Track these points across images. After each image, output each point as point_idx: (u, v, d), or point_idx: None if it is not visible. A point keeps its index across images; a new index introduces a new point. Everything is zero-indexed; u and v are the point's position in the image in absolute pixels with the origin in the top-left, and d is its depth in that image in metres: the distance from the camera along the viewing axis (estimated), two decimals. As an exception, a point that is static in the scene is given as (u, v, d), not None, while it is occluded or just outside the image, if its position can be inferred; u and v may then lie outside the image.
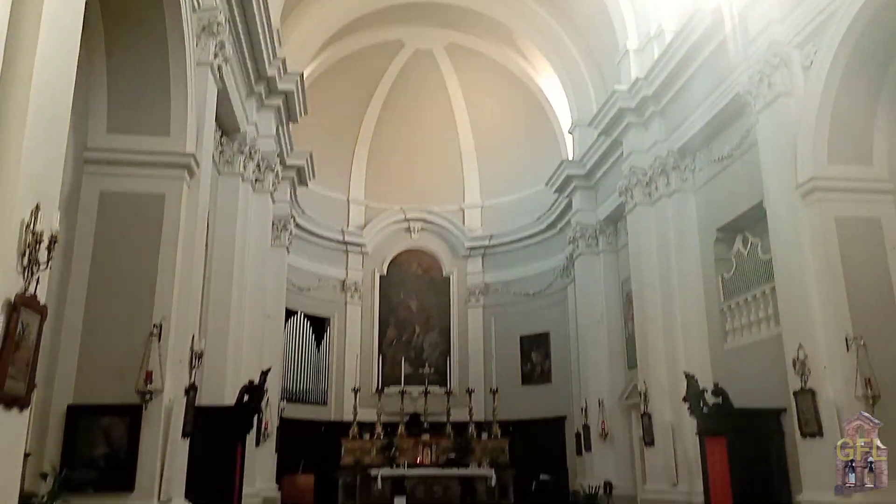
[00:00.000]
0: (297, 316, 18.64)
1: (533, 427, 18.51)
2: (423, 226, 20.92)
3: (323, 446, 17.64)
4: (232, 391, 10.15)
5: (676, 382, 11.13)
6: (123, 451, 6.87)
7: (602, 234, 15.93)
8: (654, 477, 12.10)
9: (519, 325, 19.75)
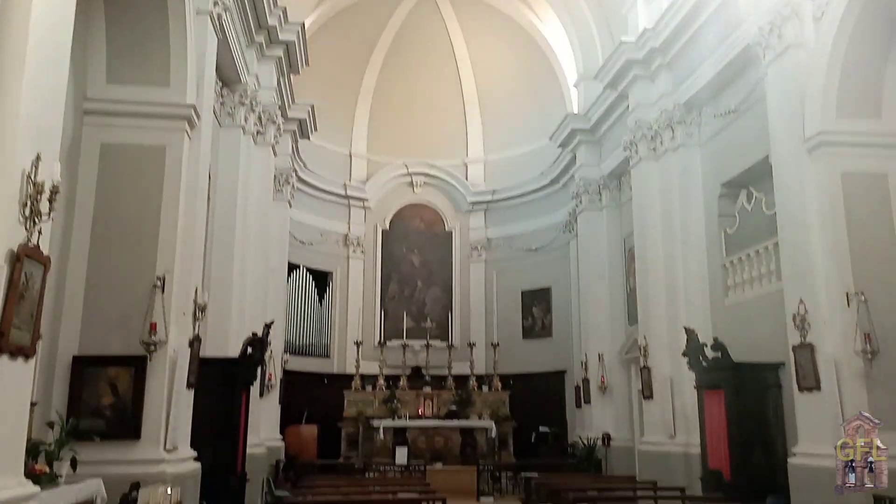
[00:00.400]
0: (300, 270, 18.72)
1: (533, 380, 18.75)
2: (425, 180, 20.84)
3: (326, 398, 17.89)
4: (236, 344, 10.26)
5: (676, 337, 11.21)
6: (129, 401, 6.98)
7: (606, 190, 15.87)
8: (652, 429, 12.28)
9: (521, 279, 19.84)
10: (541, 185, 19.30)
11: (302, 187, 17.93)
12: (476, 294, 20.38)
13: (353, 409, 16.91)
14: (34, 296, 4.39)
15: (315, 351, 18.93)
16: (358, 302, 19.69)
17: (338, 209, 19.99)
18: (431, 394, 17.29)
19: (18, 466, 4.35)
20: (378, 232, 20.46)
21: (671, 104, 12.29)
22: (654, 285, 12.42)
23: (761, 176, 10.21)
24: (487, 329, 19.67)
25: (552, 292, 19.17)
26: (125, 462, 6.78)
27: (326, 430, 16.77)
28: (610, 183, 15.81)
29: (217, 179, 10.97)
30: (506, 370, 18.39)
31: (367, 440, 16.30)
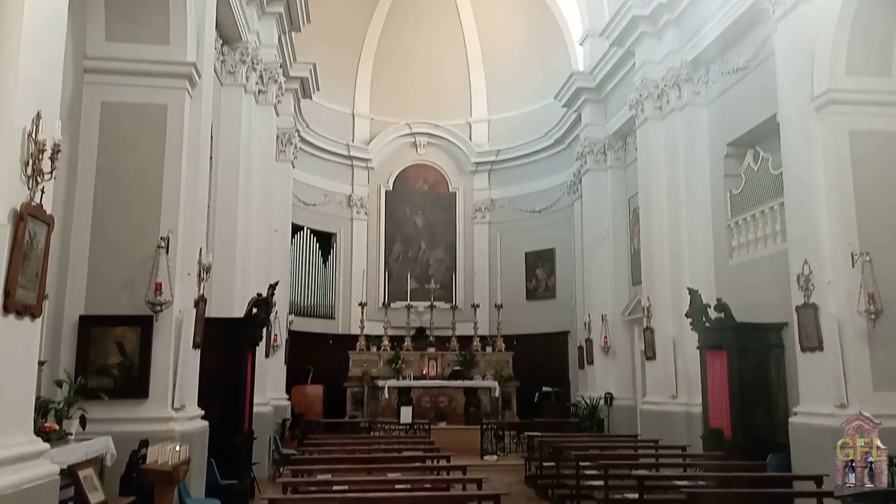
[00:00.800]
0: (304, 231, 18.76)
1: (536, 341, 18.91)
2: (429, 140, 20.73)
3: (331, 359, 18.09)
4: (241, 304, 10.32)
5: (680, 298, 11.23)
6: (136, 361, 7.05)
7: (611, 150, 15.77)
8: (654, 389, 12.39)
9: (524, 241, 19.86)
10: (545, 145, 19.19)
11: (305, 148, 17.85)
12: (480, 255, 20.41)
13: (358, 369, 17.08)
14: (39, 255, 4.40)
15: (320, 312, 19.06)
16: (362, 263, 19.75)
17: (341, 170, 19.92)
18: (435, 354, 17.44)
19: (28, 424, 4.42)
20: (381, 193, 20.41)
21: (678, 62, 12.12)
22: (658, 246, 12.40)
23: (768, 135, 10.11)
24: (491, 290, 19.75)
25: (556, 254, 19.20)
26: (134, 420, 6.87)
27: (332, 389, 16.97)
28: (615, 143, 15.69)
29: (219, 139, 10.91)
30: (509, 331, 18.51)
31: (372, 400, 16.51)
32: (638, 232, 13.96)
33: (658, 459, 9.47)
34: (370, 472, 8.01)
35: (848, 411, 7.55)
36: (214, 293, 9.96)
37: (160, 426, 6.96)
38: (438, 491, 7.09)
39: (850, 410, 7.54)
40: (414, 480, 7.37)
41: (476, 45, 20.41)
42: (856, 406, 7.53)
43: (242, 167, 11.39)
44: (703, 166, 11.80)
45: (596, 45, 15.71)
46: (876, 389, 7.61)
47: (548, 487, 9.87)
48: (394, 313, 18.37)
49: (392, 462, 8.53)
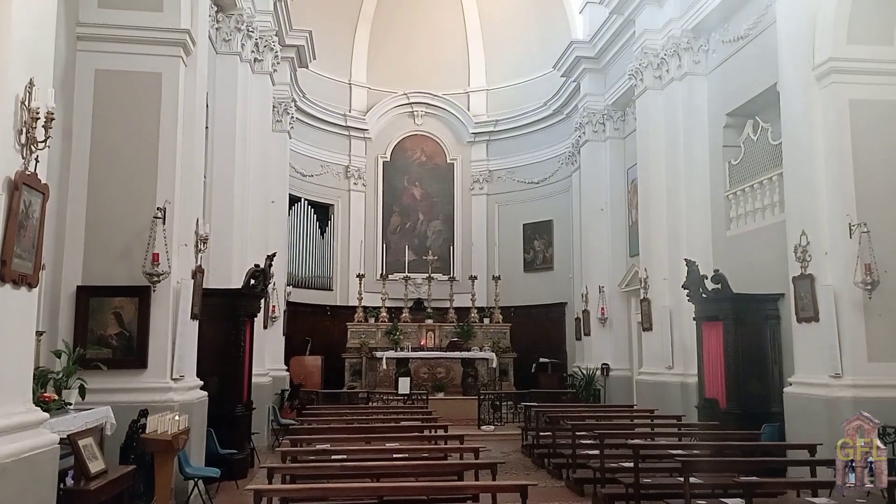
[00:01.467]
0: (301, 203, 18.72)
1: (534, 312, 19.00)
2: (426, 110, 20.60)
3: (329, 330, 18.19)
4: (238, 275, 10.33)
5: (677, 269, 11.26)
6: (135, 331, 7.07)
7: (609, 120, 15.69)
8: (651, 360, 12.48)
9: (522, 213, 19.86)
10: (544, 115, 19.11)
11: (301, 118, 17.74)
12: (478, 227, 20.41)
13: (357, 340, 17.17)
14: (35, 224, 4.38)
15: (318, 283, 19.11)
16: (360, 234, 19.75)
17: (338, 140, 19.82)
18: (433, 326, 17.52)
19: (27, 393, 4.44)
20: (379, 164, 20.34)
21: (679, 30, 12.01)
22: (656, 217, 12.40)
23: (768, 105, 10.05)
24: (489, 262, 19.78)
25: (553, 225, 19.21)
26: (133, 390, 6.92)
27: (330, 360, 17.07)
28: (614, 113, 15.61)
29: (215, 108, 10.84)
30: (507, 302, 18.59)
31: (370, 371, 16.61)
32: (636, 203, 13.94)
33: (653, 429, 9.56)
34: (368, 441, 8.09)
35: (842, 382, 7.64)
36: (212, 264, 9.97)
37: (159, 396, 7.01)
38: (436, 460, 7.16)
39: (844, 381, 7.63)
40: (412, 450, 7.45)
41: (474, 12, 20.18)
42: (850, 376, 7.61)
43: (238, 137, 11.32)
44: (702, 137, 11.76)
45: (596, 14, 15.54)
46: (871, 360, 7.66)
47: (544, 457, 9.98)
48: (392, 285, 18.42)
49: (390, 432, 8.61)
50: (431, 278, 18.29)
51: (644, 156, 12.97)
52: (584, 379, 15.29)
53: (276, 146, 14.44)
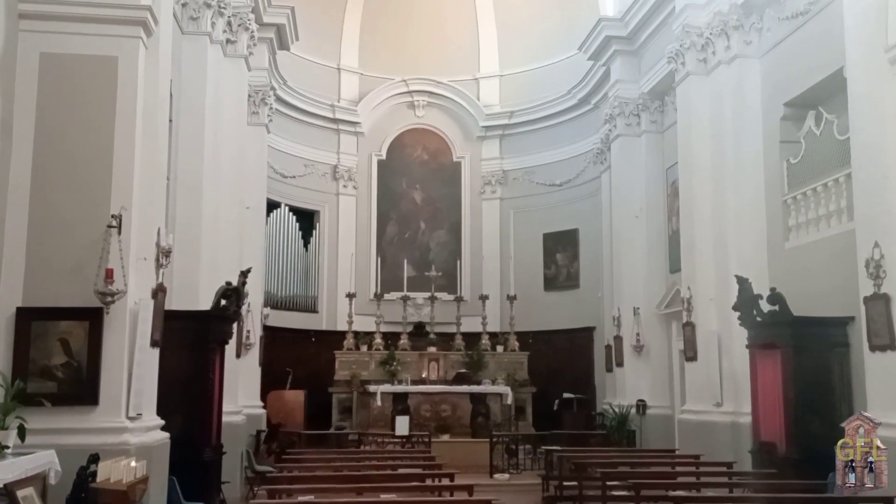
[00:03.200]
0: (281, 209, 18.78)
1: (556, 339, 18.99)
2: (429, 100, 20.68)
3: (314, 359, 18.17)
4: (207, 295, 10.34)
5: (726, 288, 11.24)
6: (84, 361, 7.06)
7: (645, 111, 15.74)
8: (695, 396, 12.43)
9: (542, 220, 19.89)
10: (567, 105, 19.17)
11: (282, 109, 17.84)
12: (489, 237, 20.44)
13: (346, 371, 17.14)
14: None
15: (300, 304, 19.13)
16: (350, 246, 19.79)
17: (325, 136, 19.90)
18: (437, 354, 17.49)
19: (-43, 434, 4.44)
20: (373, 163, 20.41)
21: (726, 5, 12.06)
22: (701, 226, 12.40)
23: (833, 94, 10.06)
24: (503, 279, 19.76)
25: (579, 235, 19.22)
26: (82, 431, 6.90)
27: (315, 395, 17.04)
28: (650, 103, 15.66)
29: (180, 98, 10.90)
30: (524, 327, 18.56)
31: (362, 408, 16.58)
32: (677, 209, 13.93)
33: (699, 479, 9.51)
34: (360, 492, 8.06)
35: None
36: (176, 281, 9.98)
37: (113, 438, 6.99)
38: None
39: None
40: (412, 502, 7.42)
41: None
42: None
43: (208, 132, 11.37)
44: (755, 131, 11.76)
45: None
46: (958, 395, 7.61)
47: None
48: (388, 306, 18.41)
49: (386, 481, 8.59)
50: (435, 298, 18.28)
51: (686, 153, 12.97)
52: (616, 418, 15.23)
53: (252, 142, 14.49)
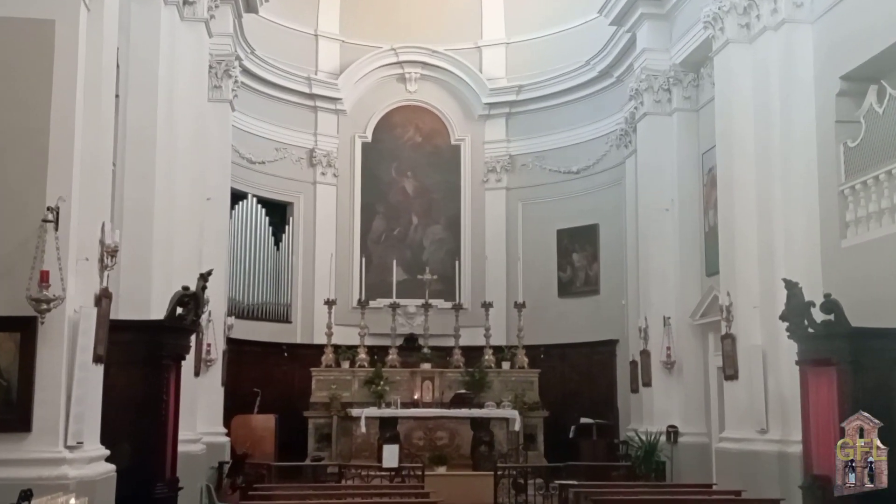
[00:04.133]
0: (248, 200, 18.74)
1: (573, 354, 19.00)
2: (423, 73, 20.67)
3: (286, 378, 18.16)
4: (160, 302, 10.32)
5: (773, 293, 11.23)
6: (14, 380, 7.03)
7: (677, 86, 15.74)
8: (736, 421, 12.41)
9: (556, 214, 19.90)
10: (586, 79, 19.19)
11: (249, 82, 17.82)
12: (494, 234, 20.48)
13: (325, 392, 17.10)
14: None
15: (271, 313, 19.10)
16: (329, 245, 19.76)
17: (300, 114, 19.91)
18: (432, 372, 17.46)
19: None
20: (356, 146, 20.39)
21: (773, -39, 12.06)
22: (744, 221, 12.38)
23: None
24: (510, 283, 19.75)
25: (600, 232, 19.23)
26: (12, 462, 6.88)
27: (287, 421, 16.99)
28: (683, 76, 15.67)
29: (129, 69, 10.88)
30: (535, 340, 18.56)
31: (343, 435, 16.55)
32: (715, 201, 13.92)
33: (741, 518, 9.49)
34: (341, 534, 8.05)
35: None
36: (123, 286, 9.97)
37: (49, 471, 6.96)
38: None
39: None
40: (402, 546, 7.40)
41: (488, -63, 20.34)
42: None
43: (162, 109, 11.34)
44: (806, 108, 11.75)
45: (657, -62, 15.65)
46: None
47: (587, 556, 9.92)
48: (374, 315, 18.38)
49: (371, 521, 8.57)
50: (429, 306, 18.24)
51: (725, 135, 12.96)
52: (642, 447, 15.21)
53: (213, 122, 14.47)
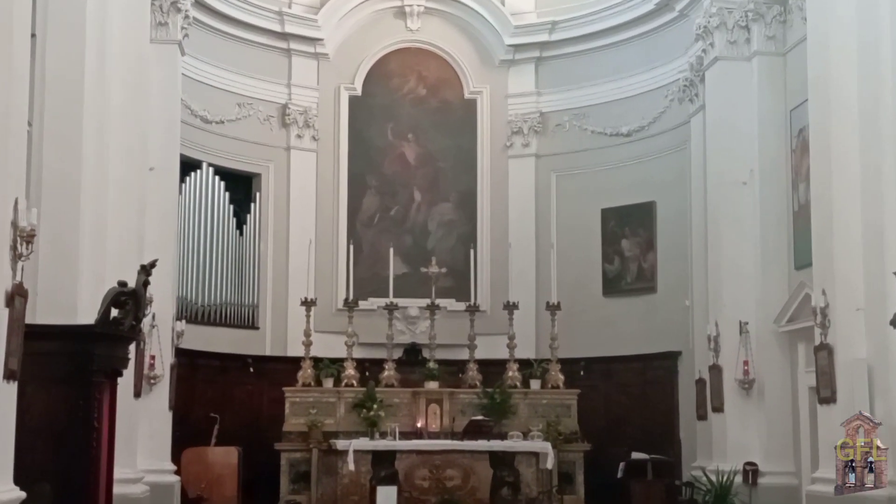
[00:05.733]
0: (203, 171, 18.71)
1: (621, 370, 19.03)
2: (427, 5, 20.57)
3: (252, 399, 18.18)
4: (90, 302, 10.32)
5: (882, 292, 11.23)
6: None
7: (758, 21, 15.70)
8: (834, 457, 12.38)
9: (601, 189, 19.89)
10: (638, 13, 19.12)
11: (204, 18, 17.83)
12: (520, 214, 20.50)
13: (302, 418, 17.08)
14: None
15: (232, 316, 19.11)
16: (308, 229, 19.76)
17: (269, 60, 19.95)
18: (439, 393, 17.44)
19: None
20: (341, 101, 20.38)
21: None
22: (845, 198, 12.32)
23: None
24: (540, 278, 19.77)
25: (656, 212, 19.20)
26: None
27: (254, 455, 17.03)
28: (766, 9, 15.64)
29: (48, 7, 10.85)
30: (572, 351, 18.55)
31: (325, 474, 16.55)
32: (806, 172, 13.87)
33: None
34: None
35: None
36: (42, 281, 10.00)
37: (-53, 518, 7.00)
38: None
39: None
40: None
41: None
42: None
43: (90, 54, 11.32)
44: (925, 51, 11.71)
45: None
46: None
47: None
48: (365, 319, 18.38)
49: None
50: (436, 307, 18.19)
51: (821, 85, 12.91)
52: (712, 491, 15.21)
53: (157, 69, 14.51)
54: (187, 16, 15.78)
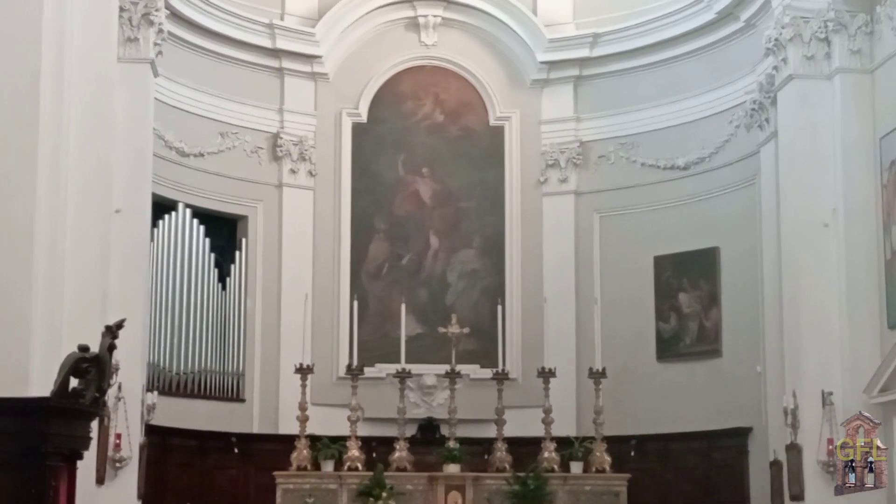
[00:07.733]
0: (179, 213, 18.77)
1: (680, 450, 18.96)
2: (445, 15, 20.72)
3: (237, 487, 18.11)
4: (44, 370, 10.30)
5: None
6: None
7: (840, 33, 15.73)
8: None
9: (654, 232, 19.94)
10: (696, 24, 19.23)
11: (181, 33, 18.01)
12: (557, 263, 20.52)
13: (296, 509, 17.08)
14: None
15: (213, 387, 19.13)
16: (303, 282, 19.81)
17: (258, 81, 20.12)
18: (462, 478, 17.38)
19: None
20: (343, 129, 20.52)
21: None
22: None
23: None
24: (581, 340, 19.77)
25: (720, 260, 19.22)
26: None
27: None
28: (850, 19, 15.65)
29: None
30: (621, 428, 18.53)
31: (324, 579, 16.49)
32: (902, 211, 13.85)
33: None
34: None
35: None
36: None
37: None
38: None
39: None
40: None
41: None
42: None
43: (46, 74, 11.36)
44: None
45: None
46: None
47: None
48: (372, 390, 18.38)
49: None
50: (457, 375, 18.17)
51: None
52: None
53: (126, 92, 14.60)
54: (161, 30, 15.88)
